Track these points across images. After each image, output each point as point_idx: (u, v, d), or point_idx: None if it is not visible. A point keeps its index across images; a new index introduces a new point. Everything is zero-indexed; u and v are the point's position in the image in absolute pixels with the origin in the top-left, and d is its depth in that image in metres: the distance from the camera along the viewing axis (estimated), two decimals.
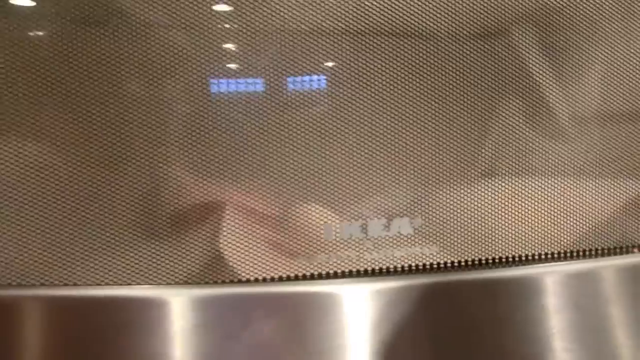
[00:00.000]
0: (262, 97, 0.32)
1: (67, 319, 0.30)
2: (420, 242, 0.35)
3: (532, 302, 0.35)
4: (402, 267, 0.34)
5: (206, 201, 0.32)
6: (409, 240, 0.34)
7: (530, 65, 0.36)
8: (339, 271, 0.33)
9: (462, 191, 0.35)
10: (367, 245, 0.33)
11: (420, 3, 0.33)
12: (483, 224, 0.36)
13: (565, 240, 0.37)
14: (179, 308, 0.31)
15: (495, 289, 0.35)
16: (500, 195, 0.36)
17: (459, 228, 0.35)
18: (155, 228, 0.32)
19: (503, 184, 0.36)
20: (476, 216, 0.36)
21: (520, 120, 0.36)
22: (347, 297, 0.32)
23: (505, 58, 0.35)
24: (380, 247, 0.34)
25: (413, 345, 0.33)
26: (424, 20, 0.33)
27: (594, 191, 0.38)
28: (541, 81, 0.36)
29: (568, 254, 0.37)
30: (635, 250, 0.38)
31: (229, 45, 0.32)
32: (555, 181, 0.37)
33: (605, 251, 0.38)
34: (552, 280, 0.35)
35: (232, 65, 0.31)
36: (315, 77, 0.32)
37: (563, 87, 0.37)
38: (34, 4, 0.30)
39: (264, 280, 0.33)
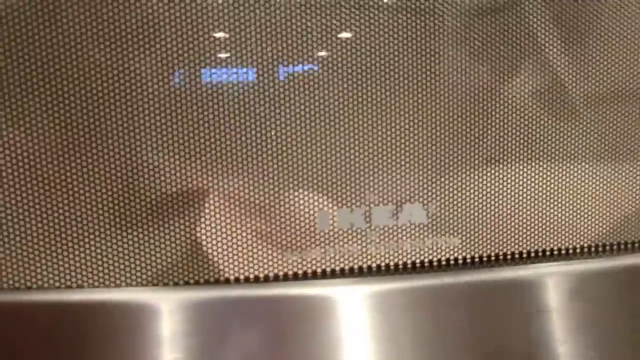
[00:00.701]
0: (247, 76, 0.29)
1: (49, 323, 0.29)
2: (434, 233, 0.29)
3: (544, 299, 0.31)
4: (413, 263, 0.28)
5: (188, 191, 0.29)
6: (421, 231, 0.28)
7: (542, 41, 0.33)
8: (336, 269, 0.27)
9: (472, 176, 0.31)
10: (370, 238, 0.27)
11: None
12: (498, 214, 0.31)
13: (590, 232, 0.34)
14: (164, 310, 0.28)
15: (514, 286, 0.31)
16: (511, 181, 0.32)
17: (475, 217, 0.30)
18: (137, 223, 0.29)
19: (514, 169, 0.32)
20: (490, 205, 0.31)
21: (532, 100, 0.33)
22: (345, 301, 0.27)
23: (516, 33, 0.32)
24: (386, 239, 0.28)
25: (416, 353, 0.28)
26: None
27: (611, 178, 0.34)
28: (553, 58, 0.33)
29: (588, 250, 0.33)
30: None
31: (214, 21, 0.28)
32: (570, 166, 0.33)
33: (629, 246, 0.34)
34: (577, 275, 0.31)
35: (216, 43, 0.28)
36: (310, 54, 0.29)
37: (577, 64, 0.34)
38: None
39: (255, 279, 0.28)
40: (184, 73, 0.28)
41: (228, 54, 0.28)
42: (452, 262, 0.30)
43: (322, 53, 0.29)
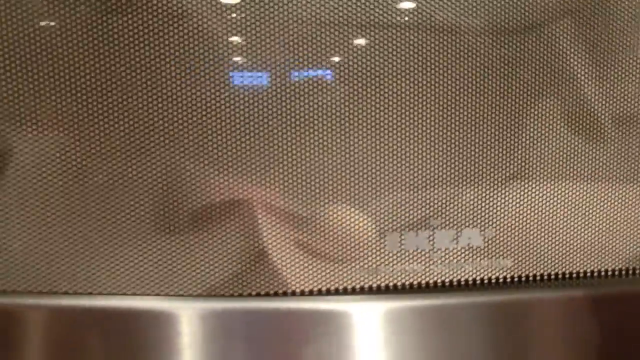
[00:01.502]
0: (287, 89, 0.30)
1: (73, 329, 0.30)
2: (490, 255, 0.31)
3: (582, 320, 0.33)
4: (473, 280, 0.31)
5: (230, 204, 0.31)
6: (480, 253, 0.31)
7: (570, 62, 0.34)
8: (391, 285, 0.30)
9: (518, 200, 0.33)
10: (433, 259, 0.30)
11: None
12: (545, 235, 0.34)
13: (618, 256, 0.35)
14: (191, 321, 0.30)
15: (557, 305, 0.33)
16: (548, 202, 0.34)
17: (527, 238, 0.33)
18: (175, 233, 0.30)
19: (547, 191, 0.34)
20: (536, 225, 0.33)
21: (559, 121, 0.34)
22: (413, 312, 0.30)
23: (541, 54, 0.33)
24: (447, 260, 0.31)
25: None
26: (456, 14, 0.32)
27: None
28: (582, 79, 0.34)
29: (626, 271, 0.35)
30: None
31: (255, 39, 0.30)
32: (601, 188, 0.35)
33: None
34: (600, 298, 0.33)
35: (258, 59, 0.30)
36: (345, 77, 0.31)
37: (605, 86, 0.35)
38: None
39: (326, 292, 0.30)
40: (227, 90, 0.30)
41: (273, 72, 0.30)
42: (503, 281, 0.32)
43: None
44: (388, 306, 0.30)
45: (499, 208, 0.32)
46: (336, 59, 0.31)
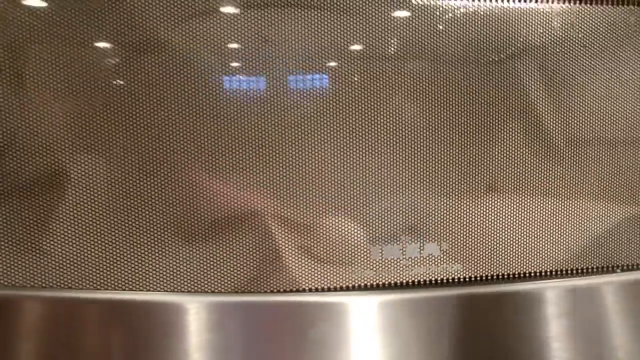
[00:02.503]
0: (297, 106, 0.35)
1: (90, 322, 0.33)
2: (446, 261, 0.41)
3: (535, 310, 0.40)
4: (435, 280, 0.40)
5: (239, 209, 0.35)
6: (438, 260, 0.40)
7: (531, 91, 0.38)
8: (375, 284, 0.39)
9: (473, 210, 0.40)
10: (405, 264, 0.39)
11: (447, 32, 0.36)
12: (494, 242, 0.41)
13: (562, 259, 0.41)
14: (202, 315, 0.33)
15: (504, 300, 0.40)
16: (504, 213, 0.40)
17: (475, 246, 0.41)
18: (188, 236, 0.34)
19: (506, 203, 0.39)
20: (487, 234, 0.40)
21: (521, 141, 0.39)
22: (386, 305, 0.38)
23: (507, 83, 0.37)
24: (415, 266, 0.40)
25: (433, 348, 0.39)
26: (444, 46, 0.36)
27: (586, 212, 0.41)
28: (539, 106, 0.39)
29: (564, 272, 0.42)
30: (618, 270, 0.43)
31: (263, 52, 0.34)
32: (552, 201, 0.40)
33: (596, 269, 0.43)
34: (552, 293, 0.41)
35: (268, 75, 0.34)
36: (342, 95, 0.35)
37: (560, 112, 0.39)
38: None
39: (321, 290, 0.37)
40: (238, 107, 0.33)
41: (282, 87, 0.34)
42: (459, 280, 0.40)
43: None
44: (379, 299, 0.37)
45: (452, 226, 0.41)
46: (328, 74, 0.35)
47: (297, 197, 0.36)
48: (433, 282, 0.40)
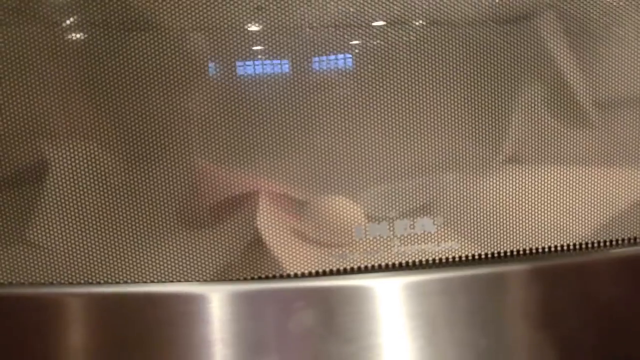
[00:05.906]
0: (290, 84, 0.33)
1: (107, 316, 0.33)
2: (443, 238, 0.38)
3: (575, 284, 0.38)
4: (432, 260, 0.37)
5: (237, 193, 0.34)
6: (433, 237, 0.38)
7: (552, 51, 0.36)
8: (369, 265, 0.37)
9: (484, 181, 0.37)
10: (395, 242, 0.38)
11: None
12: (505, 215, 0.38)
13: (581, 232, 0.39)
14: (216, 303, 0.33)
15: (516, 279, 0.38)
16: (522, 185, 0.37)
17: (481, 221, 0.38)
18: (191, 223, 0.33)
19: (526, 174, 0.37)
20: (499, 207, 0.37)
21: (543, 107, 0.37)
22: (381, 288, 0.36)
23: (528, 44, 0.35)
24: (407, 243, 0.38)
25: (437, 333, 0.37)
26: (447, 7, 0.34)
27: (618, 181, 0.38)
28: (563, 67, 0.36)
29: (583, 246, 0.39)
30: None
31: (258, 28, 0.33)
32: (581, 170, 0.38)
33: (618, 242, 0.39)
34: (561, 271, 0.39)
35: (260, 52, 0.33)
36: (340, 66, 0.34)
37: (585, 73, 0.37)
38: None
39: (301, 275, 0.35)
40: (232, 85, 0.32)
41: (276, 64, 0.33)
42: (462, 258, 0.38)
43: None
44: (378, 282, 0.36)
45: (470, 202, 0.37)
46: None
47: (306, 178, 0.35)
48: (444, 260, 0.38)
